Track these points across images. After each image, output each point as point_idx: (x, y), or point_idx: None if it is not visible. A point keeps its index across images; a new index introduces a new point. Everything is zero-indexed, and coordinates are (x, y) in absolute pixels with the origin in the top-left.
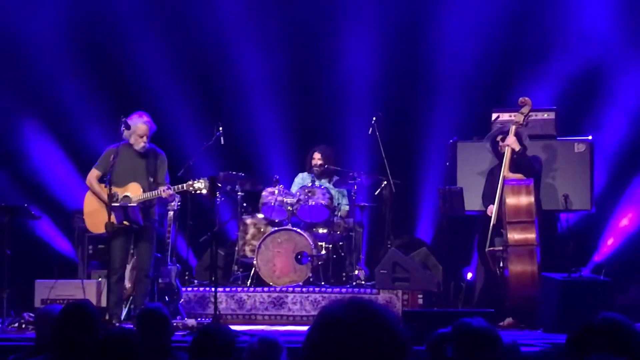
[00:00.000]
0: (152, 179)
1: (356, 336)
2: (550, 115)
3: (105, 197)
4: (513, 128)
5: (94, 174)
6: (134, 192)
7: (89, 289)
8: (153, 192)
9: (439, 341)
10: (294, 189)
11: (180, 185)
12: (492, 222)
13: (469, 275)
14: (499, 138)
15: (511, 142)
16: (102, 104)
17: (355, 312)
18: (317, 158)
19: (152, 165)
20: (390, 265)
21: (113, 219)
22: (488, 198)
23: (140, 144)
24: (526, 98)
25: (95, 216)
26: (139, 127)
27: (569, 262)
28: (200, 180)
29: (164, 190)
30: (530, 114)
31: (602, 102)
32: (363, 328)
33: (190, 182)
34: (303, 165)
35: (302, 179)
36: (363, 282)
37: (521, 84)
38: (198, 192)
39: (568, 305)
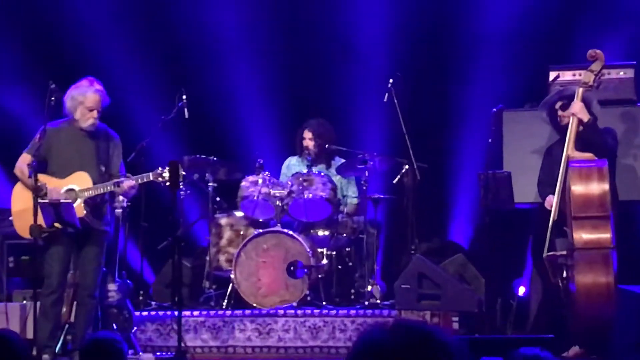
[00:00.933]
0: (103, 168)
1: None
2: (629, 74)
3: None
4: (580, 91)
5: (25, 160)
6: (80, 183)
7: (11, 315)
8: (106, 184)
9: None
10: (284, 177)
11: (142, 176)
12: (553, 217)
13: (522, 290)
14: (558, 105)
15: (577, 110)
16: (28, 71)
17: (404, 338)
18: (308, 138)
19: (103, 150)
20: (414, 278)
21: (41, 220)
22: (546, 186)
23: (89, 120)
24: (597, 51)
25: (26, 216)
26: (87, 97)
27: None
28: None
29: (122, 182)
30: (602, 71)
31: None
32: (415, 356)
33: (158, 171)
34: (294, 146)
35: (292, 164)
36: (378, 301)
37: (586, 34)
38: (168, 183)
39: None
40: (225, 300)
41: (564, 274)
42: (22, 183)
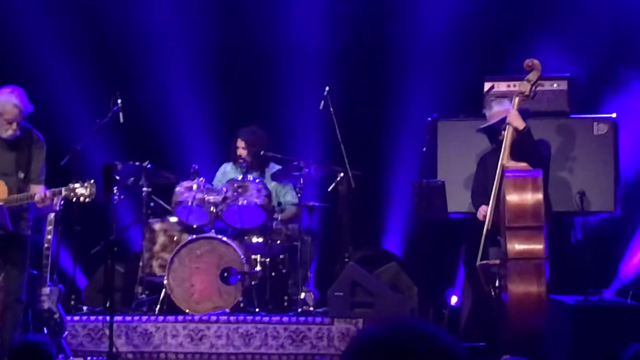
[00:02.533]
0: (22, 175)
1: None
2: (562, 86)
3: None
4: (516, 100)
5: None
6: None
7: None
8: (22, 195)
9: None
10: (218, 183)
11: (56, 190)
12: (486, 227)
13: (454, 300)
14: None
15: (513, 119)
16: None
17: (404, 336)
18: (241, 147)
19: (24, 156)
20: (348, 285)
21: None
22: (479, 196)
23: (8, 131)
24: (534, 60)
25: None
26: (6, 109)
27: (586, 281)
28: (86, 184)
29: (36, 194)
30: (538, 82)
31: (630, 68)
32: (417, 356)
33: (72, 185)
34: (229, 153)
35: (227, 171)
36: (312, 309)
37: (521, 46)
38: (81, 199)
39: (584, 337)
40: (158, 306)
41: (497, 283)
42: None
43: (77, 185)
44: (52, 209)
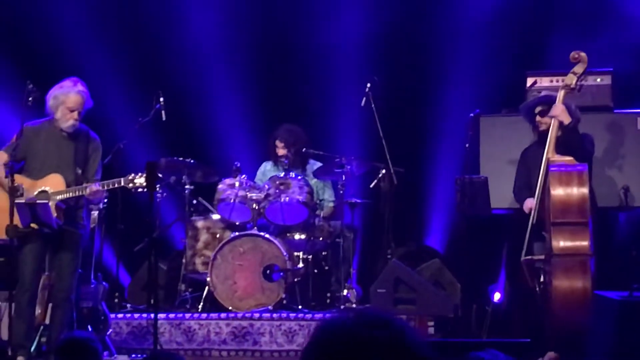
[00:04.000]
0: (80, 171)
1: (369, 357)
2: (606, 80)
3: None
4: (562, 93)
5: (1, 159)
6: (54, 186)
7: None
8: (77, 188)
9: None
10: (259, 182)
11: (113, 181)
12: (531, 221)
13: (497, 296)
14: (537, 110)
15: (559, 112)
16: (6, 71)
17: (363, 325)
18: (280, 147)
19: (82, 151)
20: (391, 282)
21: (17, 220)
22: (523, 190)
23: (69, 120)
24: (581, 53)
25: (4, 217)
26: (69, 97)
27: (631, 276)
28: (144, 175)
29: (88, 187)
30: (584, 75)
31: None
32: (378, 346)
33: (129, 177)
34: (269, 151)
35: (268, 170)
36: (354, 305)
37: (563, 41)
38: (140, 190)
39: (628, 333)
40: (201, 303)
41: (541, 279)
42: None
43: (136, 175)
44: (99, 201)
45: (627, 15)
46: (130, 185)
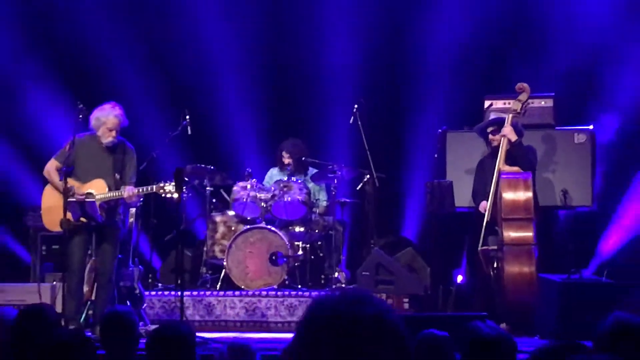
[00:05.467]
0: (118, 176)
1: (353, 330)
2: (548, 103)
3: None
4: (510, 117)
5: (53, 164)
6: (98, 189)
7: (43, 294)
8: (116, 192)
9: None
10: (266, 185)
11: (147, 187)
12: (486, 219)
13: (459, 278)
14: (489, 130)
15: (507, 132)
16: (57, 92)
17: (347, 303)
18: (286, 157)
19: (119, 161)
20: (373, 267)
21: (69, 215)
22: (479, 193)
23: (108, 138)
24: (524, 84)
25: (55, 212)
26: (110, 119)
27: (569, 262)
28: (173, 183)
29: (126, 190)
30: (528, 101)
31: (604, 88)
32: (360, 320)
33: (160, 184)
34: (275, 159)
35: (274, 174)
36: (344, 285)
37: (516, 69)
38: (169, 195)
39: (567, 309)
40: (219, 283)
41: (495, 265)
42: (50, 184)
43: (166, 183)
44: (136, 204)
45: (566, 46)
46: (161, 191)
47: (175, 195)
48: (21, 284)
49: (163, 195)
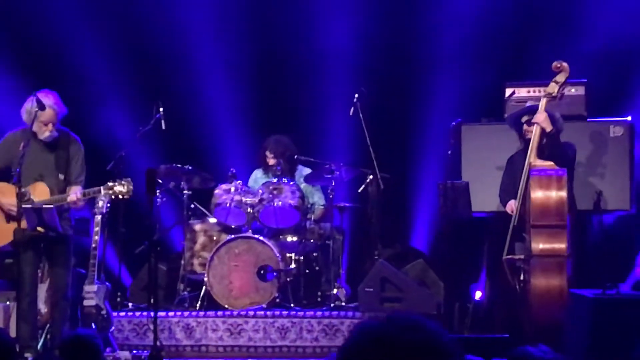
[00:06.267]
0: (62, 176)
1: (403, 358)
2: (579, 91)
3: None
4: (544, 101)
5: None
6: (39, 194)
7: None
8: (59, 196)
9: None
10: (251, 187)
11: (93, 190)
12: (513, 222)
13: (478, 295)
14: (524, 119)
15: (541, 120)
16: (15, 83)
17: (397, 328)
18: (270, 157)
19: (62, 157)
20: (377, 281)
21: (24, 224)
22: (507, 193)
23: (45, 132)
24: (563, 63)
25: None
26: (41, 112)
27: (603, 275)
28: (123, 182)
29: (69, 195)
30: (566, 84)
31: None
32: (410, 347)
33: (109, 184)
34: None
35: (259, 177)
36: (343, 303)
37: (540, 53)
38: (120, 197)
39: (601, 329)
40: (199, 302)
41: (521, 277)
42: None
43: (115, 183)
44: (81, 209)
45: (599, 28)
46: (111, 192)
47: (127, 196)
48: None
49: (113, 197)
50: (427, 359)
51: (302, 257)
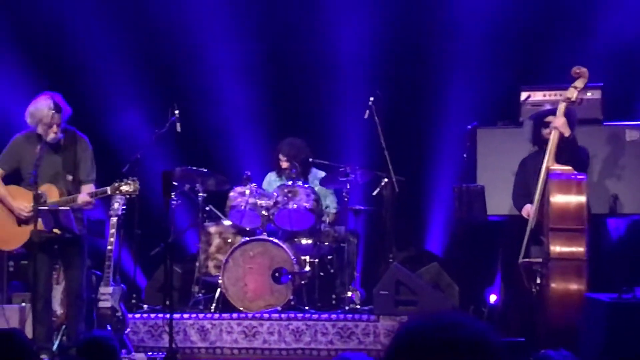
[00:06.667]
0: (70, 177)
1: (452, 358)
2: (596, 94)
3: (10, 201)
4: (563, 106)
5: None
6: (50, 197)
7: (11, 317)
8: (69, 197)
9: None
10: (267, 189)
11: (100, 190)
12: (530, 226)
13: (493, 298)
14: (548, 119)
15: (560, 124)
16: (30, 85)
17: (444, 326)
18: (284, 160)
19: (70, 158)
20: (392, 285)
21: (40, 225)
22: (521, 196)
23: (50, 135)
24: (582, 68)
25: (5, 229)
26: (45, 114)
27: (619, 279)
28: (129, 182)
29: (79, 197)
30: (585, 89)
31: None
32: (459, 347)
33: (115, 184)
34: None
35: (272, 180)
36: (358, 306)
37: (556, 56)
38: (127, 196)
39: (617, 334)
40: (214, 304)
41: (538, 280)
42: None
43: (122, 183)
44: (103, 211)
45: (615, 32)
46: (117, 192)
47: (134, 194)
48: None
49: (119, 194)
50: (474, 357)
51: (316, 260)
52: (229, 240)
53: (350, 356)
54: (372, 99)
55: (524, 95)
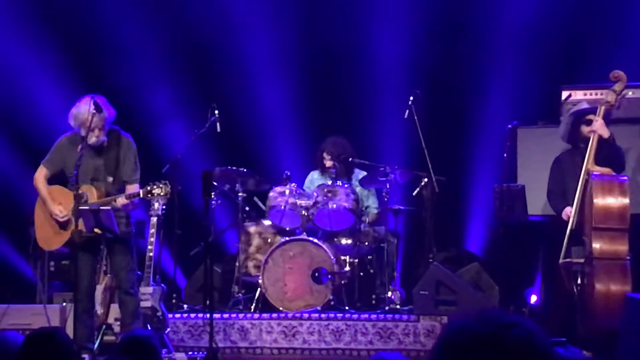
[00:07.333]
0: (111, 179)
1: (501, 356)
2: (637, 94)
3: (50, 203)
4: (602, 109)
5: (42, 172)
6: (89, 198)
7: (52, 316)
8: (106, 199)
9: None
10: (307, 190)
11: (133, 193)
12: (570, 227)
13: (533, 298)
14: (590, 117)
15: (599, 127)
16: (69, 84)
17: (493, 325)
18: (327, 159)
19: (111, 159)
20: (432, 285)
21: (81, 225)
22: (557, 195)
23: (92, 138)
24: (620, 72)
25: (43, 229)
26: (88, 118)
27: None
28: (160, 185)
29: (117, 199)
30: (623, 92)
31: None
32: (508, 344)
33: (147, 187)
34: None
35: (315, 179)
36: (398, 306)
37: (596, 55)
38: (161, 200)
39: None
40: (253, 304)
41: (578, 281)
42: (40, 197)
43: (153, 186)
44: (143, 212)
45: None
46: (149, 196)
47: (165, 198)
48: (26, 305)
49: (150, 198)
50: (524, 355)
51: (356, 260)
52: (269, 240)
53: (386, 355)
54: (411, 98)
55: (564, 94)
